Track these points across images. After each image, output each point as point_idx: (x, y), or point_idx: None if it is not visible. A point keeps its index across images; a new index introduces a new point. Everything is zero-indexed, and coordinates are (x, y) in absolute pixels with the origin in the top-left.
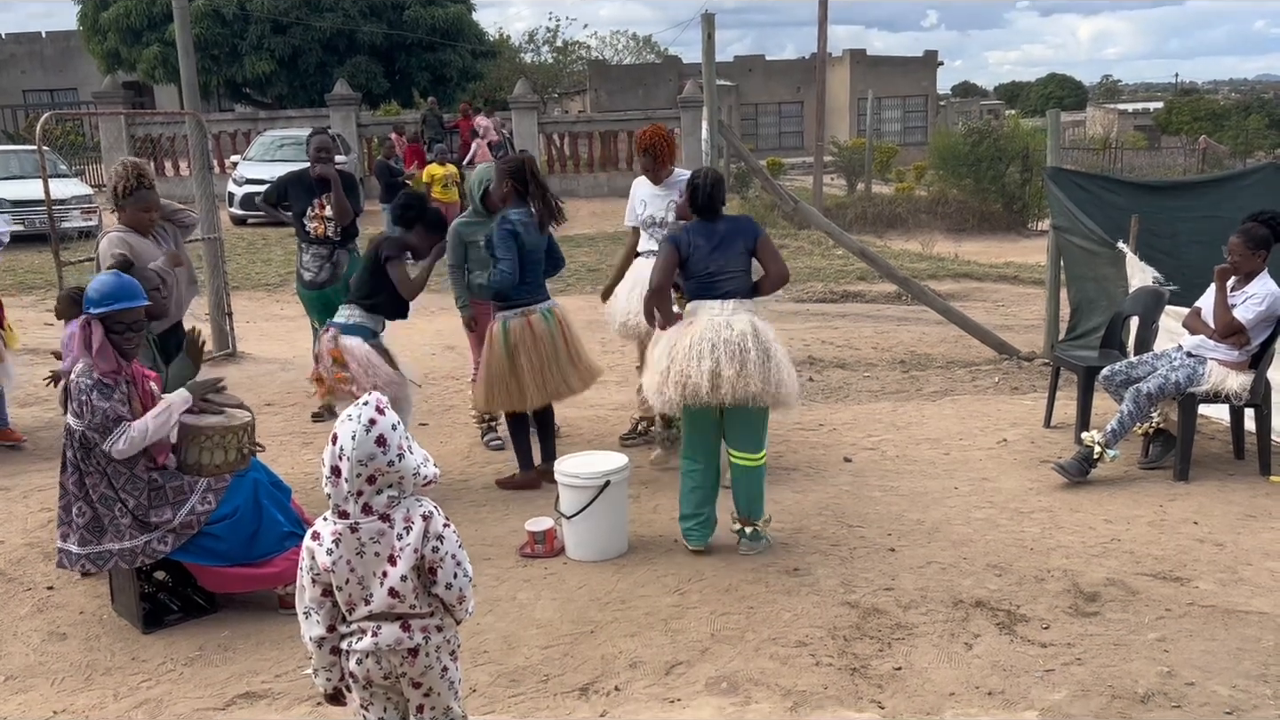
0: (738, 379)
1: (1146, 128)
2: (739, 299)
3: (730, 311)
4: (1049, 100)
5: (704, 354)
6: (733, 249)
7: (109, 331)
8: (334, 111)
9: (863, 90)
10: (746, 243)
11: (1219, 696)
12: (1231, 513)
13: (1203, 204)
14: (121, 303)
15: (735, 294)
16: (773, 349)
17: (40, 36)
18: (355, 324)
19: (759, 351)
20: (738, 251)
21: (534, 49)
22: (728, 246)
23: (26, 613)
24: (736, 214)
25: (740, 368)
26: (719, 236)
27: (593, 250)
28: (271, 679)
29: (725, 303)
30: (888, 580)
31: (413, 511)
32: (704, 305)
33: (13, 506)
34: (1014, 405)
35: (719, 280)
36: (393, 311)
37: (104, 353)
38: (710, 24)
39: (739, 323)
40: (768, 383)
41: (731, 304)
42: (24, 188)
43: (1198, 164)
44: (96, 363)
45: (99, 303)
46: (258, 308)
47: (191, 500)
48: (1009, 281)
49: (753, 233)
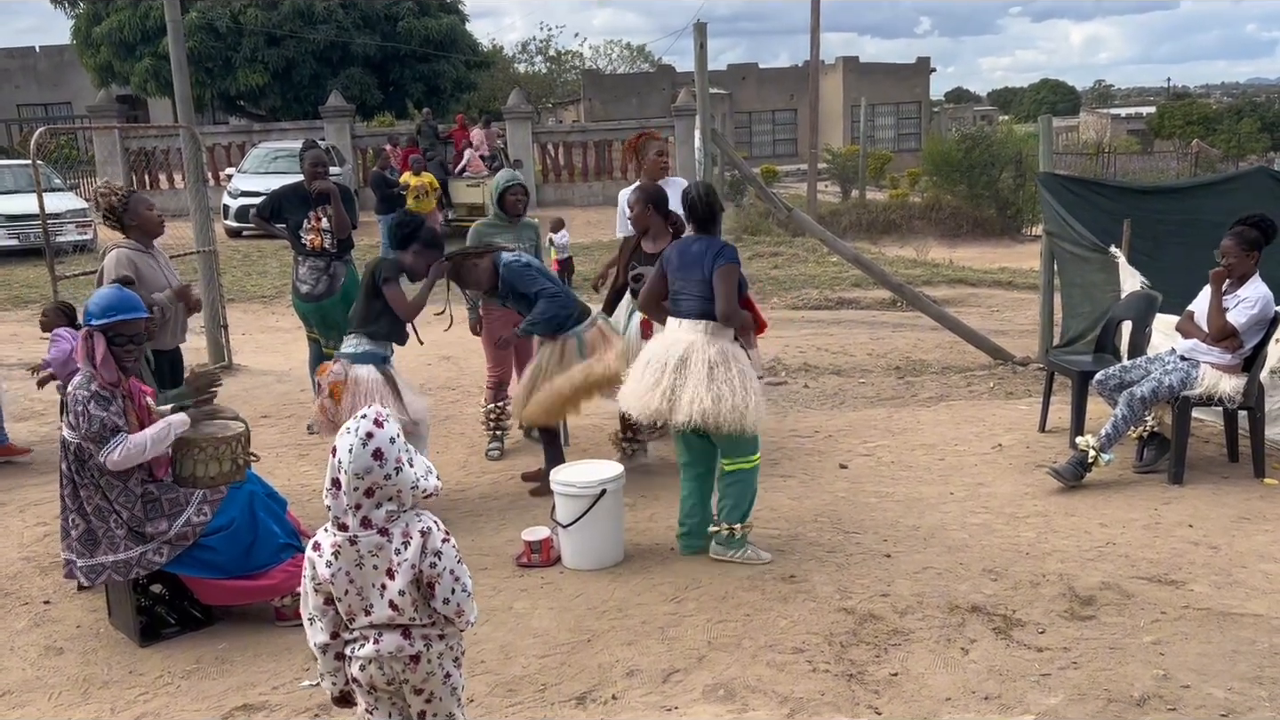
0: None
1: (1139, 132)
2: (694, 320)
3: (685, 330)
4: (1042, 106)
5: (639, 367)
6: (692, 273)
7: (110, 344)
8: (328, 123)
9: (856, 97)
10: (705, 270)
11: (1215, 699)
12: (1226, 515)
13: (1193, 208)
14: (123, 315)
15: (689, 314)
16: (721, 371)
17: (34, 51)
18: (365, 352)
19: (704, 372)
20: (695, 276)
21: (527, 59)
22: (690, 269)
23: (23, 627)
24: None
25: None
26: (689, 257)
27: (588, 259)
28: (269, 691)
29: (682, 322)
30: (884, 586)
31: (411, 526)
32: (671, 322)
33: (9, 521)
34: (1009, 410)
35: (681, 299)
36: (393, 335)
37: (107, 364)
38: (702, 33)
39: (685, 338)
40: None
41: (688, 324)
42: (19, 202)
43: (1190, 168)
44: (100, 373)
45: (101, 315)
46: (253, 320)
47: (187, 512)
48: (1003, 287)
49: (713, 262)
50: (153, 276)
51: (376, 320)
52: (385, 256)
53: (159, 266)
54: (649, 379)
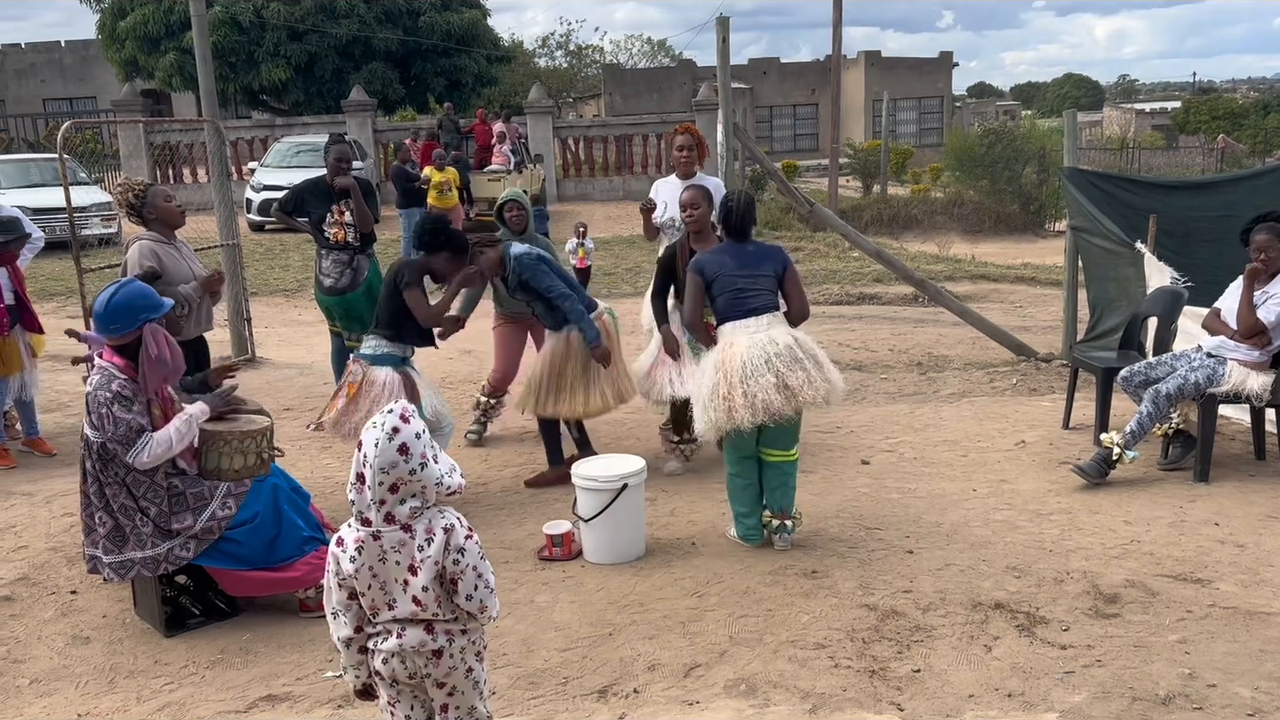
0: (804, 387)
1: (1164, 127)
2: (771, 313)
3: (766, 326)
4: (1065, 100)
5: (760, 370)
6: (762, 269)
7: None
8: (350, 118)
9: (878, 92)
10: (775, 267)
11: (1241, 698)
12: (1252, 514)
13: (1219, 203)
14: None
15: (765, 309)
16: (818, 354)
17: (60, 45)
18: (383, 354)
19: (809, 358)
20: (766, 273)
21: (548, 54)
22: (757, 266)
23: (50, 616)
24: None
25: (805, 375)
26: (749, 257)
27: (607, 254)
28: (292, 682)
29: (759, 318)
30: (906, 582)
31: (434, 523)
32: (738, 325)
33: (36, 511)
34: (1032, 407)
35: (748, 296)
36: (418, 339)
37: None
38: (725, 27)
39: (779, 335)
40: (828, 384)
41: (766, 319)
42: (45, 196)
43: (1216, 163)
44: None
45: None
46: (276, 313)
47: (212, 506)
48: (1026, 283)
49: (782, 260)
50: (176, 267)
51: (397, 323)
52: (409, 258)
53: (182, 257)
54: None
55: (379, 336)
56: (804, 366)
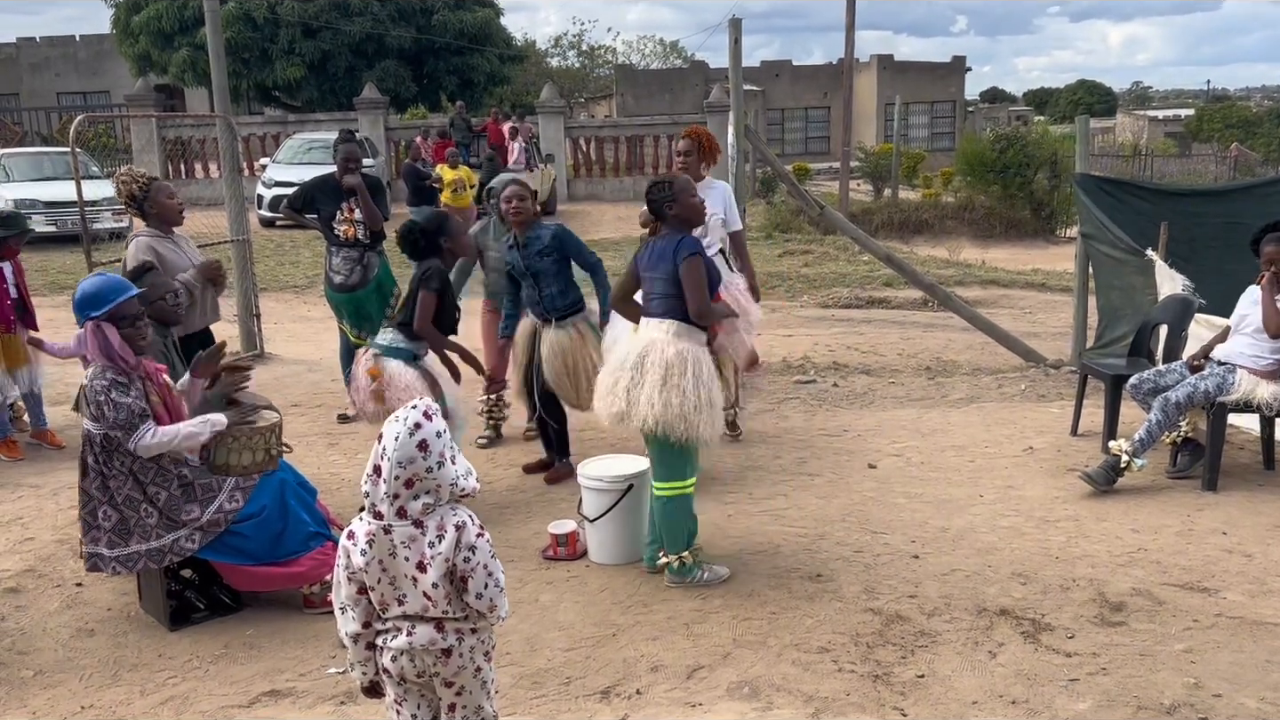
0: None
1: (1177, 135)
2: (662, 319)
3: (648, 328)
4: (1078, 107)
5: (608, 369)
6: (658, 271)
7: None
8: (362, 115)
9: (890, 96)
10: (668, 267)
11: (1247, 709)
12: (1261, 523)
13: (1231, 211)
14: (119, 296)
15: (659, 314)
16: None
17: (74, 40)
18: (397, 347)
19: (656, 371)
20: (660, 275)
21: (560, 53)
22: (656, 264)
23: (56, 609)
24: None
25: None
26: (655, 252)
27: (617, 255)
28: (296, 677)
29: (647, 321)
30: (911, 587)
31: (446, 520)
32: (643, 322)
33: (43, 503)
34: (1040, 413)
35: (650, 297)
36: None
37: (124, 348)
38: (737, 29)
39: (644, 339)
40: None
41: (653, 322)
42: (57, 189)
43: (1229, 172)
44: (119, 358)
45: (100, 303)
46: (285, 309)
47: (219, 499)
48: (1036, 289)
49: (675, 256)
50: (174, 259)
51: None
52: (439, 265)
53: (181, 250)
54: (608, 379)
55: (395, 329)
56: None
